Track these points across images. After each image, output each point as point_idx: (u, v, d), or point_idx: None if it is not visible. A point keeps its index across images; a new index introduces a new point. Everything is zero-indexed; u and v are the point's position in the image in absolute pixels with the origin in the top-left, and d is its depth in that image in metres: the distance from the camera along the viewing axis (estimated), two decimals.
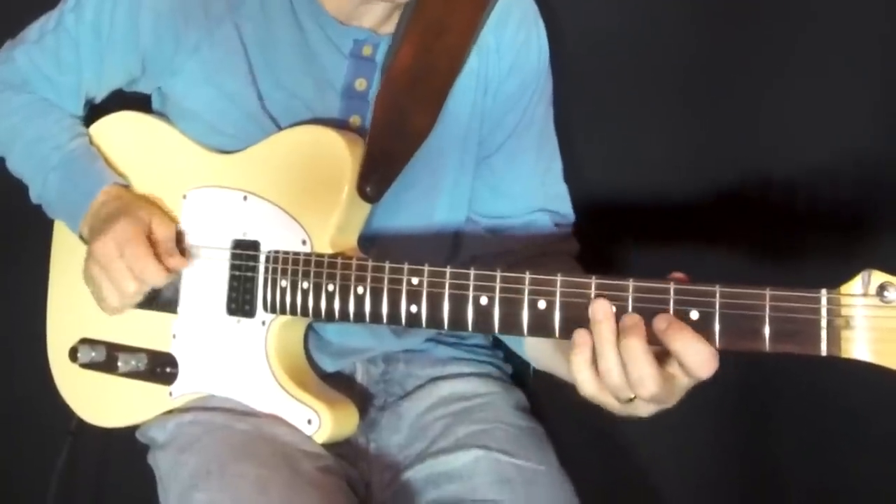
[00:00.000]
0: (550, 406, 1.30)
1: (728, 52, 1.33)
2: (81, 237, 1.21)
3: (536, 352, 1.13)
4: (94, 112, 1.29)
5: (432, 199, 1.22)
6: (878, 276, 0.79)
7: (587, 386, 0.88)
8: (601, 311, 0.86)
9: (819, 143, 1.27)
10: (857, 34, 1.26)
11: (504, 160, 1.24)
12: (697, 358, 0.82)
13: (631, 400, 0.87)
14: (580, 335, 0.87)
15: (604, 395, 0.88)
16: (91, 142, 1.27)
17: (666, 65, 1.36)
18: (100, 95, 1.27)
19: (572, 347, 0.87)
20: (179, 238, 1.18)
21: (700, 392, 0.88)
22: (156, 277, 1.12)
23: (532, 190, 1.24)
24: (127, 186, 1.22)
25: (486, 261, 1.19)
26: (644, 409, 0.88)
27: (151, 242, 1.13)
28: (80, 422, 1.30)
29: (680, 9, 1.35)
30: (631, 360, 0.84)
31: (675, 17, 1.36)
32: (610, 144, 1.40)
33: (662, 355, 0.85)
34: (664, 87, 1.37)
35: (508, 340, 1.21)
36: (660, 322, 0.84)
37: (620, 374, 0.85)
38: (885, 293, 0.78)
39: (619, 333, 0.85)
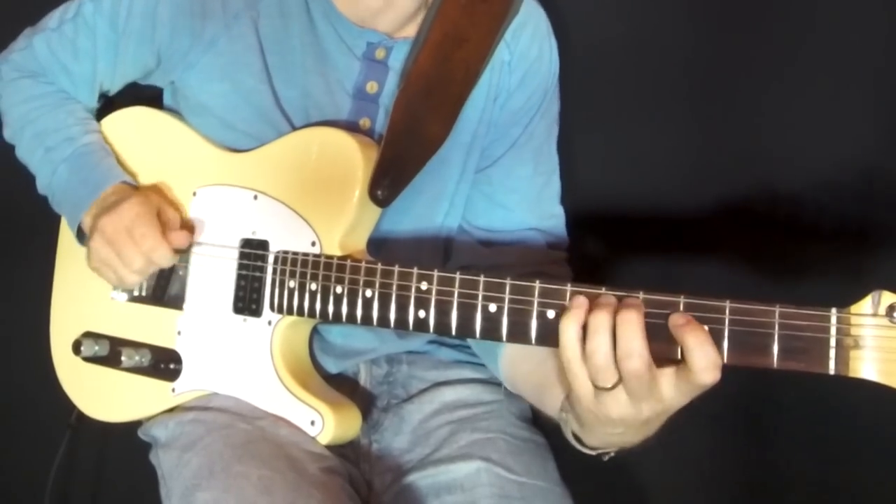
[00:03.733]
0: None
1: (731, 60, 1.34)
2: (80, 231, 1.20)
3: (513, 374, 1.12)
4: (106, 106, 1.29)
5: (435, 205, 1.22)
6: (888, 297, 0.79)
7: (569, 348, 0.86)
8: (605, 297, 0.87)
9: (825, 155, 1.27)
10: (863, 42, 1.27)
11: (501, 171, 1.23)
12: (706, 360, 0.81)
13: (606, 390, 0.85)
14: (577, 299, 0.87)
15: (580, 366, 0.86)
16: (103, 137, 1.26)
17: (669, 73, 1.36)
18: (114, 88, 1.28)
19: (567, 309, 0.87)
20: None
21: (701, 408, 0.87)
22: (162, 255, 1.13)
23: (526, 204, 1.24)
24: (136, 186, 1.22)
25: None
26: (615, 410, 0.86)
27: (161, 223, 1.14)
28: (80, 415, 1.30)
29: (684, 17, 1.36)
30: (625, 332, 0.83)
31: (679, 25, 1.36)
32: (611, 154, 1.40)
33: (657, 359, 0.85)
34: (668, 96, 1.37)
35: (485, 358, 1.21)
36: (678, 318, 0.84)
37: (608, 353, 0.84)
38: (895, 314, 0.79)
39: (618, 311, 0.84)
